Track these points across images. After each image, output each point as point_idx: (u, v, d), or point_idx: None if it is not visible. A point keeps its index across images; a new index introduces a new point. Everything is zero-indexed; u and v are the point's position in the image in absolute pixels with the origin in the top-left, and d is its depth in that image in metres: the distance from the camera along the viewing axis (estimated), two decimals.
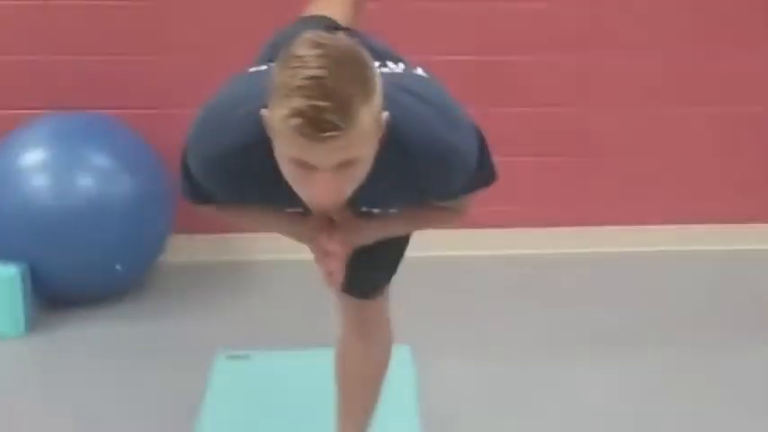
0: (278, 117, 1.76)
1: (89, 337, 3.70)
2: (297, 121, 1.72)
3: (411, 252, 2.54)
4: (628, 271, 4.28)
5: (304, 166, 1.79)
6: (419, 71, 2.20)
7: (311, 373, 3.30)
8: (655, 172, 4.49)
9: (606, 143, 4.45)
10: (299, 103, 1.72)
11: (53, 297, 3.82)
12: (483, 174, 2.15)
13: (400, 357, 2.97)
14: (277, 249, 4.24)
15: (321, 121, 1.72)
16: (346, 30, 2.39)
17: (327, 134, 1.72)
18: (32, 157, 3.76)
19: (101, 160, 3.83)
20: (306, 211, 2.09)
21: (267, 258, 4.31)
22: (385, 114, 1.87)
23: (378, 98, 1.82)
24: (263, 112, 1.85)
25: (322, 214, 2.09)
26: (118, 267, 3.78)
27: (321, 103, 1.71)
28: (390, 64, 2.15)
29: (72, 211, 3.69)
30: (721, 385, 3.31)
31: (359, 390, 2.67)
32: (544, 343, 3.64)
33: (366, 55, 1.84)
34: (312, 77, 1.73)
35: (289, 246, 4.14)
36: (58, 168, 3.75)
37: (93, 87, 4.20)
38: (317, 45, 1.78)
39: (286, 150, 1.80)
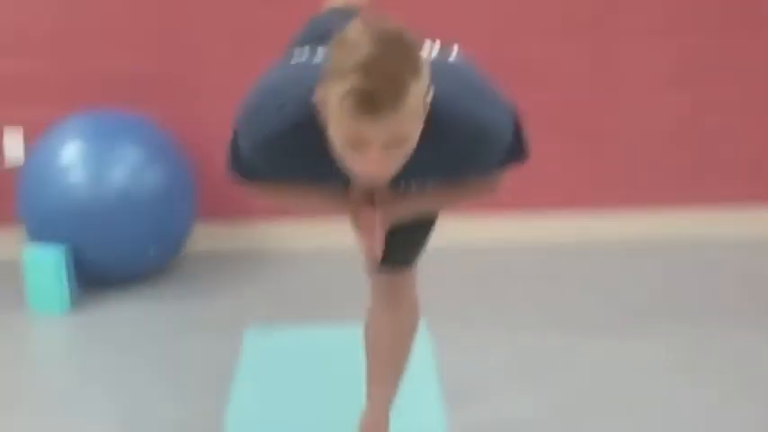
0: (334, 96, 1.83)
1: (126, 315, 3.92)
2: (353, 99, 1.80)
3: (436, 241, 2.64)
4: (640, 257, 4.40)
5: (357, 142, 1.86)
6: (455, 51, 2.22)
7: (332, 346, 3.53)
8: (668, 157, 4.56)
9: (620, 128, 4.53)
10: (354, 82, 1.79)
11: (93, 278, 4.06)
12: (516, 151, 2.20)
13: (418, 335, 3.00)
14: (290, 239, 4.57)
15: (375, 100, 1.79)
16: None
17: (381, 112, 1.80)
18: (71, 152, 4.00)
19: (132, 154, 4.05)
20: (346, 188, 2.20)
21: (281, 246, 4.56)
22: (429, 93, 1.93)
23: (424, 78, 1.88)
24: (316, 92, 1.93)
25: (364, 190, 2.19)
26: (151, 250, 4.05)
27: (375, 83, 1.79)
28: (428, 45, 2.17)
29: (107, 200, 3.94)
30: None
31: (388, 358, 2.70)
32: (557, 320, 3.77)
33: (413, 36, 1.89)
34: (366, 58, 1.80)
35: (302, 236, 4.45)
36: (94, 162, 3.99)
37: (124, 89, 4.41)
38: (369, 28, 1.84)
39: (340, 128, 1.86)
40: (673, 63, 4.47)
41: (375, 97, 1.80)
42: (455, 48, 2.24)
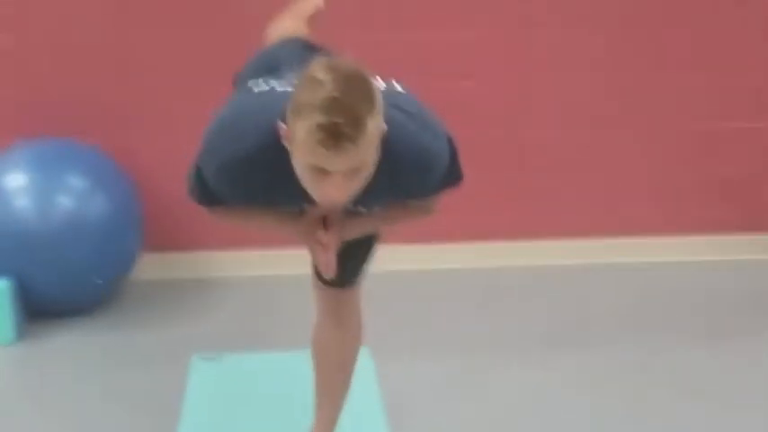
0: (300, 131, 2.03)
1: (73, 345, 3.93)
2: (319, 134, 2.00)
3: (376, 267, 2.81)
4: (564, 281, 4.56)
5: (320, 171, 2.06)
6: (397, 86, 2.44)
7: (278, 372, 3.59)
8: (585, 186, 4.73)
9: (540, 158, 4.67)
10: (320, 119, 2.00)
11: (39, 308, 4.06)
12: (452, 175, 2.41)
13: (361, 357, 3.11)
14: (235, 267, 4.61)
15: (339, 135, 1.99)
16: (323, 49, 2.72)
17: (343, 145, 2.00)
18: (15, 181, 4.01)
19: (77, 183, 4.08)
20: (302, 212, 2.39)
21: (227, 275, 4.59)
22: (383, 126, 2.13)
23: (380, 112, 2.10)
24: (281, 125, 2.12)
25: (318, 213, 2.37)
26: (98, 281, 4.07)
27: (338, 120, 1.99)
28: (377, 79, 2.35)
29: (52, 230, 3.95)
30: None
31: (334, 372, 2.89)
32: (491, 343, 3.92)
33: (370, 74, 2.11)
34: (330, 97, 2.00)
35: (244, 264, 4.49)
36: (38, 191, 4.00)
37: (68, 117, 4.42)
38: (332, 69, 2.05)
39: (305, 158, 2.06)
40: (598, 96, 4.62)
41: (337, 133, 2.00)
42: (396, 84, 2.44)
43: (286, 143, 2.13)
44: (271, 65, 2.55)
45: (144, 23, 4.42)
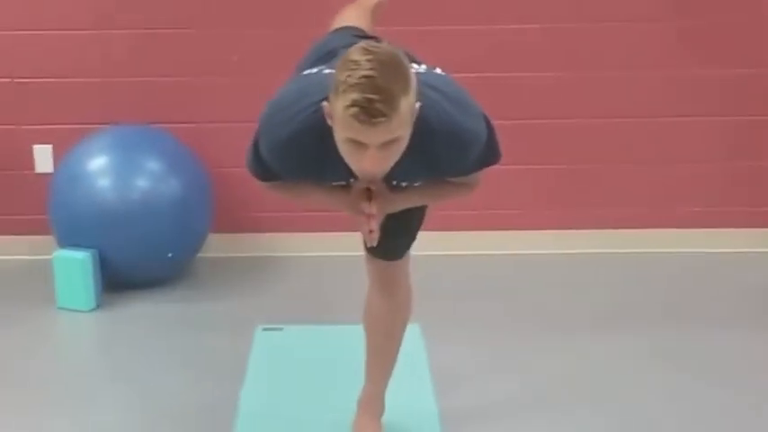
0: (339, 107, 2.22)
1: (146, 313, 4.21)
2: (354, 110, 2.18)
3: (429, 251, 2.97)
4: (604, 268, 4.72)
5: (357, 144, 2.25)
6: (438, 70, 2.59)
7: (334, 343, 3.84)
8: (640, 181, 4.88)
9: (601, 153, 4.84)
10: (355, 96, 2.18)
11: (116, 279, 4.34)
12: (490, 153, 2.55)
13: (412, 333, 3.33)
14: (296, 248, 4.90)
15: (372, 110, 2.18)
16: (374, 38, 2.86)
17: (377, 119, 2.19)
18: (99, 162, 4.33)
19: (154, 166, 4.39)
20: (348, 186, 2.55)
21: (289, 255, 4.86)
22: (417, 104, 2.29)
23: (413, 92, 2.26)
24: (324, 104, 2.29)
25: (363, 185, 2.53)
26: (170, 255, 4.36)
27: (372, 96, 2.17)
28: (415, 65, 2.50)
29: (130, 208, 4.25)
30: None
31: (383, 340, 3.04)
32: (535, 323, 4.08)
33: (404, 57, 2.27)
34: (365, 76, 2.18)
35: (305, 245, 4.76)
36: (119, 172, 4.31)
37: (149, 105, 4.72)
38: (368, 51, 2.23)
39: (344, 132, 2.25)
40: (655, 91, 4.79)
41: (372, 108, 2.19)
42: (437, 68, 2.60)
43: (329, 121, 2.30)
44: (323, 53, 2.74)
45: (222, 18, 4.69)
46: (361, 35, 2.89)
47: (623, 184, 4.92)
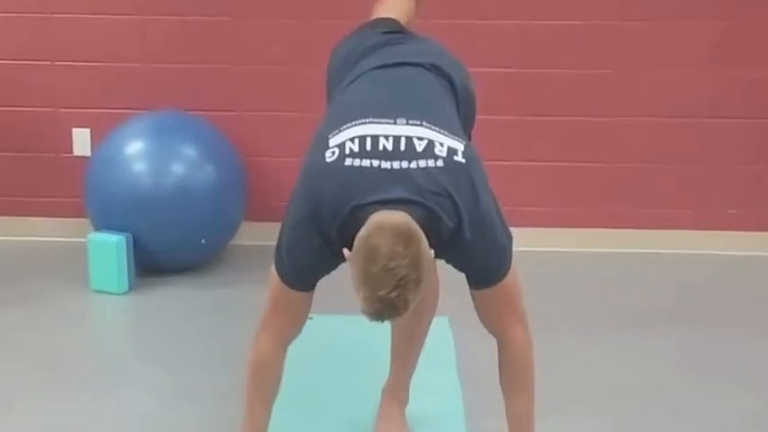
0: (355, 290, 2.33)
1: (178, 297, 4.28)
2: (366, 308, 2.30)
3: None
4: (647, 266, 4.75)
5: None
6: (458, 156, 2.43)
7: (361, 333, 3.62)
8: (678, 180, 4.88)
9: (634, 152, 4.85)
10: (370, 311, 2.30)
11: (150, 264, 4.41)
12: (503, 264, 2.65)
13: (440, 326, 3.39)
14: None
15: (383, 315, 2.30)
16: (409, 33, 2.87)
17: (389, 317, 2.32)
18: (135, 147, 4.39)
19: (190, 152, 4.45)
20: None
21: None
22: (431, 254, 2.32)
23: (426, 275, 2.29)
24: (346, 253, 2.40)
25: None
26: (203, 241, 4.41)
27: (387, 311, 2.29)
28: (437, 147, 2.41)
29: (165, 194, 4.31)
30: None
31: (407, 334, 3.06)
32: (562, 320, 4.08)
33: (417, 234, 2.28)
34: (380, 299, 2.26)
35: None
36: (155, 158, 4.38)
37: (186, 92, 4.78)
38: (391, 255, 2.25)
39: (360, 306, 2.34)
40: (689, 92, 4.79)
41: (382, 313, 2.31)
42: (460, 147, 2.46)
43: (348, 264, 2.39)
44: (353, 56, 2.74)
45: (258, 8, 4.74)
46: (390, 30, 2.86)
47: (651, 184, 4.90)
